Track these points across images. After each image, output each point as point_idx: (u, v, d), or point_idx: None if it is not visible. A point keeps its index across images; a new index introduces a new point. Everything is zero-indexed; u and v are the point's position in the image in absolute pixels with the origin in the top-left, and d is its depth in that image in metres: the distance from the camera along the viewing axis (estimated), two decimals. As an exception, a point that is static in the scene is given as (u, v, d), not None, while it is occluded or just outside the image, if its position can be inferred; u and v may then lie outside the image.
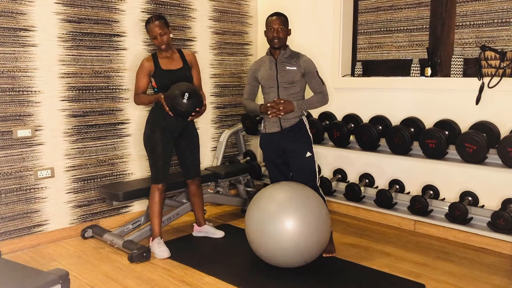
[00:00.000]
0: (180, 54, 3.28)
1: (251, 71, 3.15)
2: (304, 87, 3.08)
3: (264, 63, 3.08)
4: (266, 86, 3.07)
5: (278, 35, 2.95)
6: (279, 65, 3.00)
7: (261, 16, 4.72)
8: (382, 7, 3.95)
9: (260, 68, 3.09)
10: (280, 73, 2.99)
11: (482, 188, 3.28)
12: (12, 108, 3.19)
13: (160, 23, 3.09)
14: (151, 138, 3.18)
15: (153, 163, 3.21)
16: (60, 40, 3.36)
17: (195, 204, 3.49)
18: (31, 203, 3.33)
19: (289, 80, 2.98)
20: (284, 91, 3.00)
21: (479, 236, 3.32)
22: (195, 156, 3.40)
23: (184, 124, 3.25)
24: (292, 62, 2.99)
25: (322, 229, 2.80)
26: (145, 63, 3.17)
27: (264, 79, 3.05)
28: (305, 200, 2.80)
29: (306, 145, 3.06)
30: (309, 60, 3.02)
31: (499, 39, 3.34)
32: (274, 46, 2.98)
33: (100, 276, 2.88)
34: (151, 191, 3.23)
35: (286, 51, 3.02)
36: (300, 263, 2.81)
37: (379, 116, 3.67)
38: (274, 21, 2.97)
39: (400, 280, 2.80)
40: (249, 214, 2.88)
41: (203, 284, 2.77)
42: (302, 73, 2.99)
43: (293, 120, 3.03)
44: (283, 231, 2.69)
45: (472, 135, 3.00)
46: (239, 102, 4.67)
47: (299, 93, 3.04)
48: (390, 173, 3.76)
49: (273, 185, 2.98)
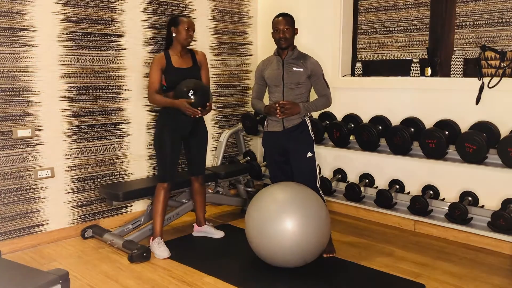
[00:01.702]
0: (191, 54, 3.32)
1: (259, 70, 3.17)
2: (310, 88, 3.09)
3: (271, 62, 3.10)
4: (272, 85, 3.09)
5: (284, 35, 2.96)
6: (285, 65, 3.02)
7: (261, 16, 4.72)
8: (382, 7, 3.95)
9: (267, 67, 3.11)
10: (286, 74, 3.01)
11: (482, 188, 3.28)
12: (12, 108, 3.19)
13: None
14: (160, 138, 3.21)
15: (160, 162, 3.25)
16: (60, 40, 3.36)
17: (197, 202, 3.50)
18: (31, 203, 3.33)
19: (295, 81, 3.00)
20: (289, 91, 3.02)
21: (479, 236, 3.32)
22: (202, 154, 3.44)
23: (195, 122, 3.26)
24: (299, 63, 3.00)
25: (322, 229, 2.80)
26: (158, 58, 3.20)
27: (270, 78, 3.07)
28: (305, 201, 2.81)
29: (308, 145, 3.07)
30: (316, 62, 3.03)
31: (499, 39, 3.34)
32: (281, 46, 3.00)
33: (100, 276, 2.88)
34: (157, 190, 3.25)
35: (294, 52, 3.03)
36: (300, 263, 2.81)
37: (379, 116, 3.67)
38: (279, 21, 2.99)
39: (400, 280, 2.80)
40: (249, 214, 2.89)
41: (203, 284, 2.77)
42: (308, 74, 3.00)
43: (295, 121, 3.05)
44: (283, 231, 2.69)
45: (472, 135, 3.00)
46: (239, 102, 4.67)
47: (304, 94, 3.06)
48: (390, 173, 3.76)
49: (273, 185, 2.98)
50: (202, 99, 3.07)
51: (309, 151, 3.06)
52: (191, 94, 3.03)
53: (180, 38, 3.21)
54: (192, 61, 3.30)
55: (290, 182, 3.01)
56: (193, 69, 3.28)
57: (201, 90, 3.08)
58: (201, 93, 3.07)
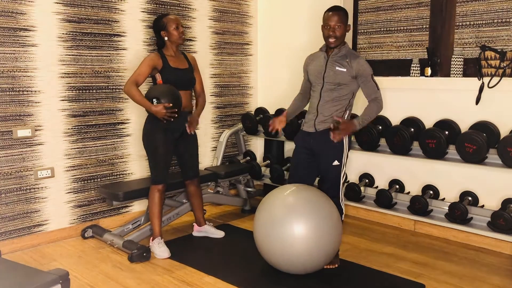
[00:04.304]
0: (184, 55, 3.31)
1: (305, 64, 3.00)
2: (355, 90, 2.87)
3: (317, 58, 2.91)
4: (313, 82, 2.92)
5: (335, 33, 2.73)
6: (329, 63, 2.82)
7: (261, 16, 4.72)
8: (382, 7, 3.95)
9: (312, 62, 2.93)
10: (328, 72, 2.81)
11: (482, 188, 3.28)
12: (12, 108, 3.19)
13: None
14: (153, 139, 3.14)
15: (153, 164, 3.20)
16: (60, 40, 3.36)
17: (194, 204, 3.48)
18: (31, 203, 3.33)
19: (336, 81, 2.79)
20: (327, 92, 2.83)
21: (479, 236, 3.32)
22: (194, 157, 3.40)
23: (184, 125, 3.25)
24: (343, 62, 2.78)
25: (329, 241, 2.67)
26: (154, 56, 3.14)
27: (312, 74, 2.90)
28: (316, 209, 2.67)
29: (336, 152, 2.86)
30: (364, 62, 2.78)
31: (499, 39, 3.34)
32: (329, 45, 2.79)
33: (100, 276, 2.88)
34: (151, 192, 3.22)
35: (341, 50, 2.81)
36: (301, 271, 2.76)
37: (379, 116, 3.65)
38: (330, 17, 2.74)
39: (400, 280, 2.80)
40: (259, 211, 2.82)
41: (203, 284, 2.77)
42: (353, 75, 2.78)
43: (327, 124, 2.85)
44: (288, 237, 2.60)
45: (472, 135, 3.00)
46: (239, 102, 4.67)
47: (346, 96, 2.84)
48: (390, 173, 3.76)
49: (290, 187, 2.84)
50: (173, 103, 3.02)
51: (336, 160, 2.85)
52: (156, 102, 2.97)
53: (174, 39, 3.17)
54: (187, 62, 3.29)
55: (304, 185, 2.85)
56: (189, 70, 3.27)
57: (163, 97, 3.00)
58: (165, 100, 2.99)
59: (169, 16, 3.19)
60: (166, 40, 3.18)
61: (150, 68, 3.11)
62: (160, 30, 3.18)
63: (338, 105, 2.86)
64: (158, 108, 2.97)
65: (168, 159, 3.22)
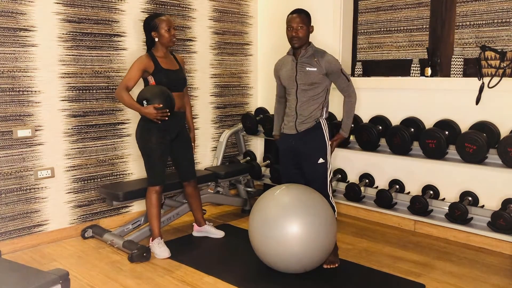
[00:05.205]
0: (173, 57, 3.28)
1: (275, 70, 3.07)
2: (329, 86, 2.95)
3: (286, 62, 2.96)
4: (287, 87, 2.97)
5: (297, 34, 2.80)
6: (299, 65, 2.86)
7: (261, 16, 4.72)
8: (382, 7, 3.95)
9: (282, 68, 2.98)
10: (300, 74, 2.86)
11: (482, 188, 3.28)
12: (12, 108, 3.19)
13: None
14: (149, 141, 3.10)
15: (150, 166, 3.16)
16: (60, 40, 3.36)
17: (193, 205, 3.48)
18: (31, 203, 3.33)
19: (308, 81, 2.85)
20: (302, 93, 2.88)
21: (479, 236, 3.32)
22: (190, 158, 3.38)
23: (179, 126, 3.24)
24: (312, 62, 2.84)
25: (325, 239, 2.69)
26: (145, 59, 3.09)
27: (285, 79, 2.95)
28: (310, 207, 2.70)
29: (320, 150, 2.92)
30: (332, 59, 2.86)
31: (499, 39, 3.34)
32: (293, 46, 2.85)
33: (100, 276, 2.88)
34: (148, 193, 3.20)
35: (308, 50, 2.87)
36: (299, 270, 2.76)
37: (379, 116, 3.67)
38: (292, 19, 2.82)
39: (400, 280, 2.80)
40: (253, 213, 2.84)
41: (203, 284, 2.77)
42: (324, 73, 2.85)
43: (308, 124, 2.91)
44: (285, 237, 2.62)
45: (472, 135, 3.00)
46: (239, 102, 4.67)
47: (321, 93, 2.90)
48: (390, 173, 3.76)
49: (280, 187, 2.87)
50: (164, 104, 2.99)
51: (321, 157, 2.91)
52: (146, 103, 2.94)
53: (164, 41, 3.11)
54: (177, 63, 3.25)
55: (298, 185, 2.89)
56: (180, 71, 3.24)
57: (153, 98, 2.96)
58: (155, 101, 2.95)
59: (162, 17, 3.12)
60: (156, 41, 3.13)
61: (141, 71, 3.07)
62: (151, 30, 3.12)
63: (315, 103, 2.91)
64: (148, 110, 2.93)
65: (164, 160, 3.19)
